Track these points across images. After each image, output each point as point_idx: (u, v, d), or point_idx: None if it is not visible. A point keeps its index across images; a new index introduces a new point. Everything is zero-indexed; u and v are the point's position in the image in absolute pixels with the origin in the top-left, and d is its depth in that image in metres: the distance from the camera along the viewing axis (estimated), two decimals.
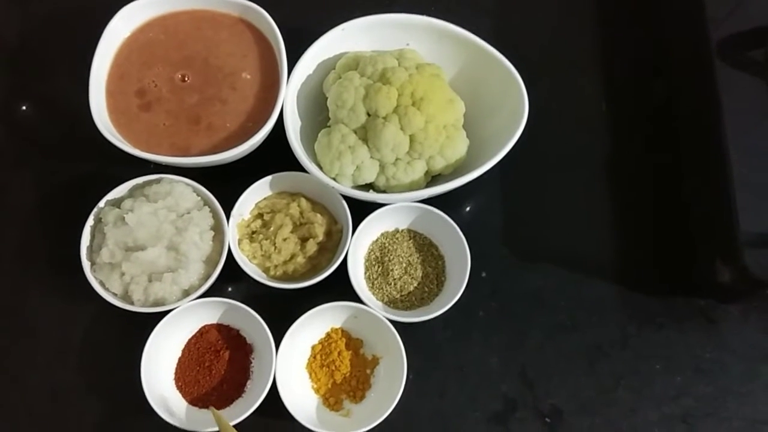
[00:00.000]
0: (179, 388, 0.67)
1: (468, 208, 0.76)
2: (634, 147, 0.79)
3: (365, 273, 0.71)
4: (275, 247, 0.69)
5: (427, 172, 0.70)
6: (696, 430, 0.68)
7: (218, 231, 0.69)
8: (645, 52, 0.83)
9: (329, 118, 0.70)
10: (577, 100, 0.81)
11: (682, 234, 0.74)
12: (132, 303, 0.66)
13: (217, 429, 0.63)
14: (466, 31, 0.73)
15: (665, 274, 0.74)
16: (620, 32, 0.84)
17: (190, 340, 0.68)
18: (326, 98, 0.71)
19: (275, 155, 0.70)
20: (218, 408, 0.66)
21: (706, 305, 0.72)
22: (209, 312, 0.68)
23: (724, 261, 0.67)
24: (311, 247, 0.70)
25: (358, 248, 0.71)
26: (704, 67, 0.71)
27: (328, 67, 0.74)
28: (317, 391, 0.68)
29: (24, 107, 0.79)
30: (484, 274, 0.73)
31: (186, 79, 0.72)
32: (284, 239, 0.69)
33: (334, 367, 0.68)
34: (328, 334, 0.69)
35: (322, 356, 0.68)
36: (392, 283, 0.70)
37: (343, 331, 0.69)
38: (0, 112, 0.78)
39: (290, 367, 0.67)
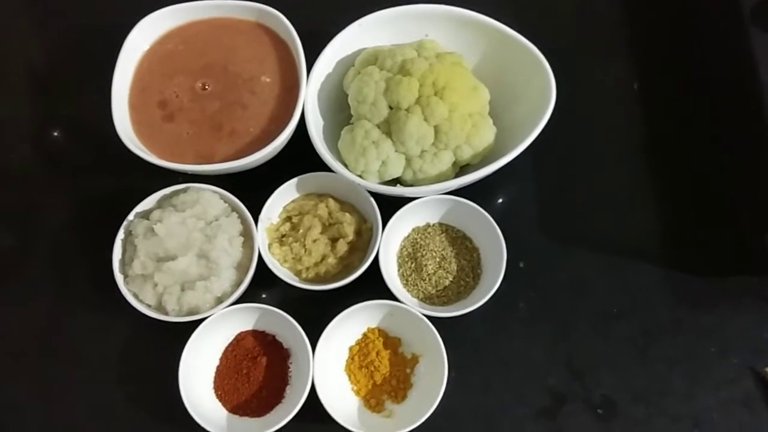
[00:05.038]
0: (219, 396, 0.66)
1: (501, 198, 0.74)
2: (669, 125, 0.76)
3: (398, 270, 0.70)
4: (305, 250, 0.68)
5: (454, 163, 0.68)
6: (758, 413, 0.64)
7: (247, 236, 0.68)
8: (676, 25, 0.80)
9: (351, 116, 0.69)
10: (607, 80, 0.79)
11: (725, 211, 0.71)
12: (166, 313, 0.65)
13: None
14: (486, 16, 0.71)
15: (712, 253, 0.71)
16: (648, 7, 0.81)
17: (226, 347, 0.68)
18: (347, 96, 0.70)
19: (299, 157, 0.69)
20: (258, 415, 0.65)
21: (759, 282, 0.69)
22: (244, 318, 0.67)
23: None
24: (342, 247, 0.68)
25: (389, 245, 0.69)
26: (739, 36, 0.68)
27: (347, 64, 0.73)
28: (357, 392, 0.66)
29: (53, 129, 0.80)
30: (521, 265, 0.70)
31: (206, 87, 0.71)
32: (314, 241, 0.68)
33: (373, 368, 0.66)
34: (364, 335, 0.68)
35: (360, 357, 0.67)
36: (427, 279, 0.68)
37: (379, 330, 0.68)
38: (28, 133, 0.79)
39: (328, 369, 0.66)
